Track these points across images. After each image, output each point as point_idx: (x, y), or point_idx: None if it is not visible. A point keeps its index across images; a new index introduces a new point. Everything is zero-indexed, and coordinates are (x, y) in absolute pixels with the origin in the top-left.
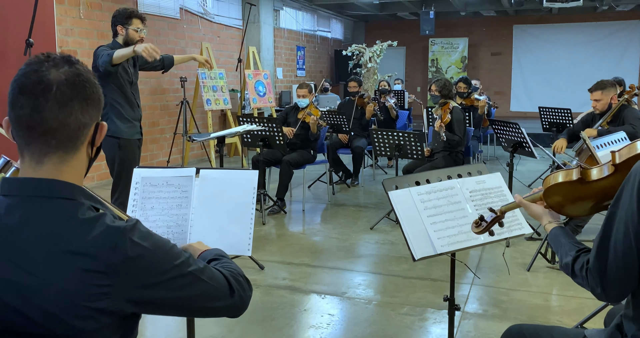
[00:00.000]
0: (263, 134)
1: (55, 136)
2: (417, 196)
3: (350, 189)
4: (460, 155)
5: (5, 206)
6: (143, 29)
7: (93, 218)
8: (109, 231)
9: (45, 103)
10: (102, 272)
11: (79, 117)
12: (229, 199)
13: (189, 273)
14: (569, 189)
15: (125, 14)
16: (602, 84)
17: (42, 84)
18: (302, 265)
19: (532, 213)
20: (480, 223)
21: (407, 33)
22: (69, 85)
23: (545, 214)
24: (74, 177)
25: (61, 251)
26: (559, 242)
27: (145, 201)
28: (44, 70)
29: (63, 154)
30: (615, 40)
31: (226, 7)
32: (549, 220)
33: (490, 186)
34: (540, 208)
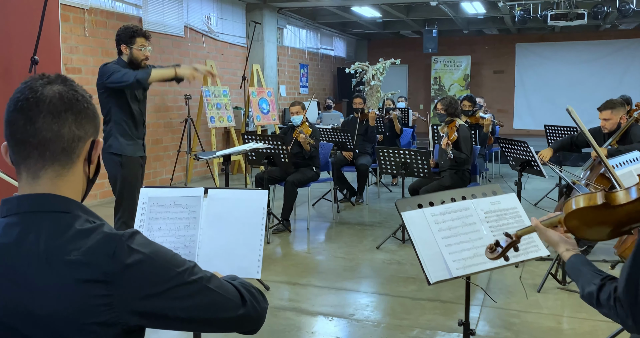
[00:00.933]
0: (268, 152)
1: (49, 148)
2: (431, 217)
3: (354, 207)
4: (467, 173)
5: (3, 226)
6: (147, 46)
7: (91, 228)
8: (107, 239)
9: (39, 114)
10: (101, 281)
11: (73, 129)
12: (238, 220)
13: (194, 281)
14: (593, 214)
15: (128, 33)
16: (612, 104)
17: (36, 98)
18: (308, 285)
19: (548, 239)
20: (495, 249)
21: (410, 51)
22: (62, 98)
23: (562, 241)
24: (71, 192)
25: (59, 264)
26: (579, 271)
27: (152, 222)
28: (38, 86)
29: (59, 168)
30: (617, 59)
31: (230, 25)
32: (566, 248)
33: (505, 207)
34: (557, 234)
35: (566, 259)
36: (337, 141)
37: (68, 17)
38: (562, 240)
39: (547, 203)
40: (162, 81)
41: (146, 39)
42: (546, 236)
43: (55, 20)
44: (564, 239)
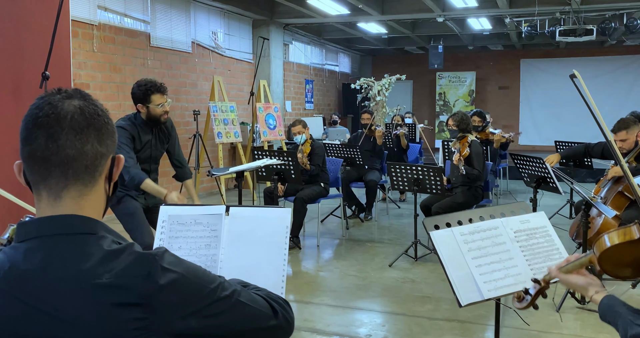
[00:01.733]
0: (278, 168)
1: (72, 166)
2: (460, 236)
3: (363, 223)
4: (479, 190)
5: (23, 251)
6: (165, 102)
7: (120, 248)
8: (140, 259)
9: (61, 131)
10: (137, 305)
11: (96, 146)
12: (261, 239)
13: (226, 296)
14: (629, 249)
15: (142, 92)
16: (626, 123)
17: (56, 114)
18: (322, 304)
19: (571, 285)
20: (524, 298)
21: (414, 67)
22: (83, 114)
23: (589, 284)
24: (93, 212)
25: (90, 288)
26: (617, 313)
27: (172, 241)
28: (57, 101)
29: (82, 187)
30: (623, 75)
31: (237, 41)
32: (595, 290)
33: (535, 225)
34: (582, 278)
35: (598, 302)
36: (346, 156)
37: (77, 33)
38: (588, 284)
39: (558, 219)
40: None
41: (162, 94)
42: (570, 283)
43: (66, 35)
44: (590, 282)
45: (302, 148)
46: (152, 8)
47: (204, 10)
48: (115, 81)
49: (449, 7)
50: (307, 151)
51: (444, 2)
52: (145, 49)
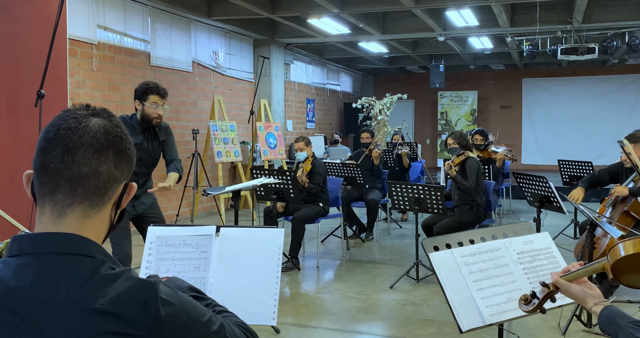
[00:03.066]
0: (277, 188)
1: (83, 184)
2: (460, 258)
3: (364, 244)
4: (482, 209)
5: (15, 267)
6: (162, 105)
7: (117, 273)
8: (137, 286)
9: (80, 147)
10: (130, 335)
11: (112, 169)
12: (252, 261)
13: (216, 331)
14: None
15: (142, 89)
16: (635, 137)
17: (79, 129)
18: (320, 327)
19: (572, 295)
20: (531, 301)
21: (416, 86)
22: (106, 134)
23: (588, 296)
24: (95, 236)
25: (83, 313)
26: (617, 325)
27: (160, 263)
28: (82, 117)
29: (88, 208)
30: (625, 94)
31: (238, 60)
32: (594, 302)
33: (539, 247)
34: (581, 288)
35: (597, 314)
36: (346, 175)
37: (76, 52)
38: (587, 295)
39: (562, 239)
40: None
41: (161, 97)
42: (570, 292)
43: (63, 54)
44: (589, 293)
45: (302, 166)
46: (152, 27)
47: (205, 30)
48: (115, 100)
49: (449, 27)
50: (307, 169)
51: (444, 21)
52: (145, 68)
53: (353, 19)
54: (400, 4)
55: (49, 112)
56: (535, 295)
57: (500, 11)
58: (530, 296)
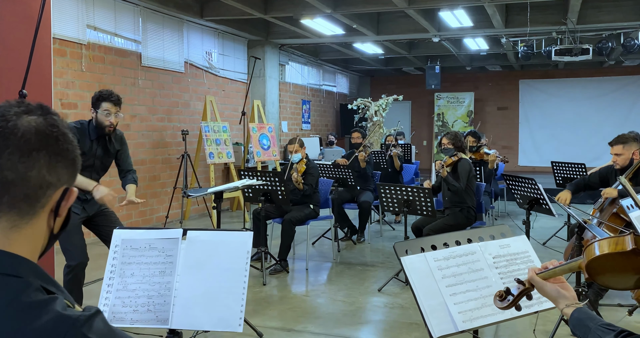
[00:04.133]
0: (265, 189)
1: (9, 191)
2: (433, 262)
3: (356, 246)
4: (472, 211)
5: None
6: (115, 112)
7: (40, 302)
8: (57, 321)
9: (4, 149)
10: None
11: (44, 173)
12: (219, 265)
13: None
14: (620, 260)
15: (95, 96)
16: (624, 138)
17: (6, 128)
18: (305, 332)
19: (544, 293)
20: (506, 297)
21: (413, 87)
22: (38, 134)
23: (561, 296)
24: (27, 250)
25: None
26: (586, 327)
27: (124, 267)
28: (12, 115)
29: (16, 218)
30: (622, 95)
31: (232, 61)
32: (565, 303)
33: (516, 251)
34: (556, 288)
35: (568, 316)
36: (338, 177)
37: (65, 52)
38: (561, 295)
39: (556, 242)
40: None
41: (114, 104)
42: (544, 290)
43: (47, 53)
44: (563, 294)
45: (297, 167)
46: (143, 28)
47: (198, 30)
48: None
49: (444, 27)
50: (302, 170)
51: (438, 22)
52: (136, 69)
53: (346, 19)
54: (392, 4)
55: None
56: (510, 292)
57: (494, 12)
58: (504, 292)
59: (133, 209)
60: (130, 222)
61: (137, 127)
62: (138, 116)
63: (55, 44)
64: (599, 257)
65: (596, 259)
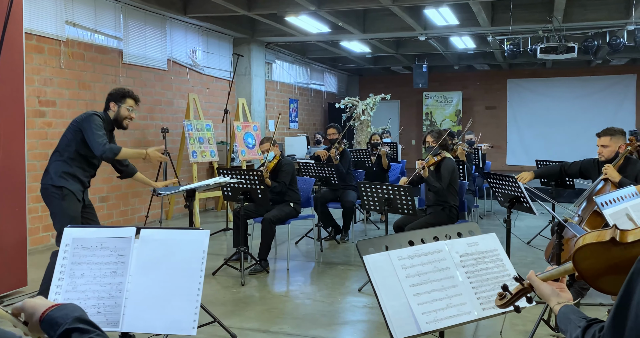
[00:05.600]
0: (244, 188)
1: None
2: (397, 261)
3: (339, 245)
4: (454, 210)
5: None
6: (135, 109)
7: None
8: None
9: None
10: None
11: None
12: (173, 265)
13: None
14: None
15: (121, 93)
16: (612, 131)
17: None
18: (280, 333)
19: (540, 292)
20: (504, 294)
21: (401, 87)
22: None
23: (554, 295)
24: None
25: None
26: (568, 319)
27: (74, 267)
28: None
29: None
30: (610, 94)
31: (216, 59)
32: (557, 301)
33: (485, 249)
34: (550, 287)
35: (557, 312)
36: (320, 176)
37: (42, 49)
38: (554, 294)
39: (540, 241)
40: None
41: (136, 102)
42: (539, 289)
43: (19, 49)
44: (557, 293)
45: (267, 164)
46: (124, 24)
47: (181, 28)
48: (84, 99)
49: (430, 26)
50: (270, 167)
51: (424, 20)
52: (117, 66)
53: (332, 17)
54: (377, 1)
55: (3, 109)
56: (507, 289)
57: (479, 10)
58: (502, 289)
59: (114, 209)
60: (112, 222)
61: None
62: None
63: (32, 40)
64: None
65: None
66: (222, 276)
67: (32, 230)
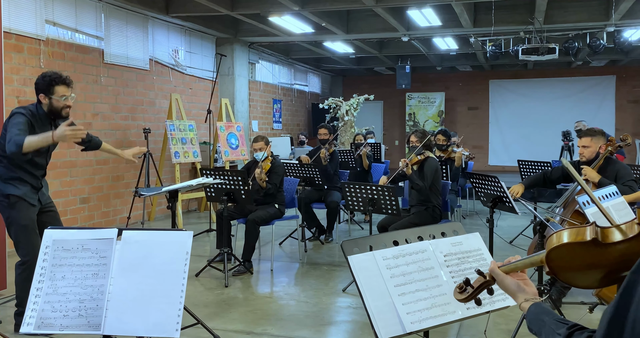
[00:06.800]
0: (228, 188)
1: None
2: (382, 261)
3: (324, 246)
4: (437, 210)
5: None
6: (69, 95)
7: None
8: None
9: None
10: None
11: None
12: (156, 267)
13: None
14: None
15: (46, 82)
16: (593, 131)
17: None
18: (265, 334)
19: (504, 287)
20: (465, 289)
21: (385, 87)
22: None
23: (520, 291)
24: None
25: None
26: (542, 322)
27: (55, 269)
28: None
29: None
30: (590, 96)
31: (199, 59)
32: (524, 298)
33: (468, 248)
34: (516, 282)
35: (526, 310)
36: (304, 176)
37: (22, 48)
38: (520, 290)
39: (522, 240)
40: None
41: (67, 86)
42: (504, 284)
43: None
44: (523, 288)
45: (262, 165)
46: (106, 24)
47: (163, 27)
48: None
49: (413, 26)
50: (266, 168)
51: (407, 21)
52: (98, 66)
53: (315, 17)
54: (360, 2)
55: None
56: (469, 283)
57: (461, 11)
58: (464, 283)
59: (96, 210)
60: (93, 223)
61: (100, 126)
62: (100, 114)
63: (11, 39)
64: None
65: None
66: (206, 278)
67: None
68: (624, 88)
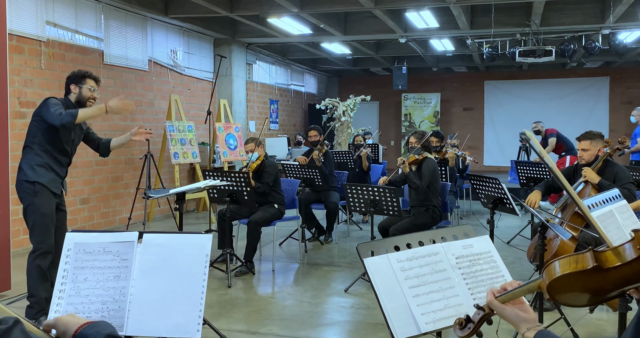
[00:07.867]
0: (230, 190)
1: None
2: (396, 263)
3: (323, 246)
4: (437, 211)
5: None
6: (96, 89)
7: None
8: None
9: None
10: None
11: None
12: (176, 269)
13: None
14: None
15: (80, 74)
16: (591, 135)
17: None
18: (270, 334)
19: (504, 317)
20: (466, 325)
21: (381, 88)
22: None
23: (521, 320)
24: None
25: None
26: None
27: (77, 272)
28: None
29: None
30: (584, 97)
31: (197, 60)
32: (527, 327)
33: (479, 251)
34: (515, 312)
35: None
36: (304, 177)
37: (22, 49)
38: (521, 319)
39: (519, 241)
40: (93, 117)
41: (96, 82)
42: (503, 315)
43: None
44: (523, 317)
45: (250, 164)
46: (105, 25)
47: (162, 28)
48: None
49: (410, 28)
50: (252, 167)
51: (405, 23)
52: (98, 67)
53: (314, 19)
54: (359, 4)
55: None
56: (470, 319)
57: (459, 13)
58: (464, 320)
59: (95, 211)
60: (92, 224)
61: (99, 126)
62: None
63: (12, 40)
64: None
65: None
66: (209, 278)
67: (14, 232)
68: (617, 89)
